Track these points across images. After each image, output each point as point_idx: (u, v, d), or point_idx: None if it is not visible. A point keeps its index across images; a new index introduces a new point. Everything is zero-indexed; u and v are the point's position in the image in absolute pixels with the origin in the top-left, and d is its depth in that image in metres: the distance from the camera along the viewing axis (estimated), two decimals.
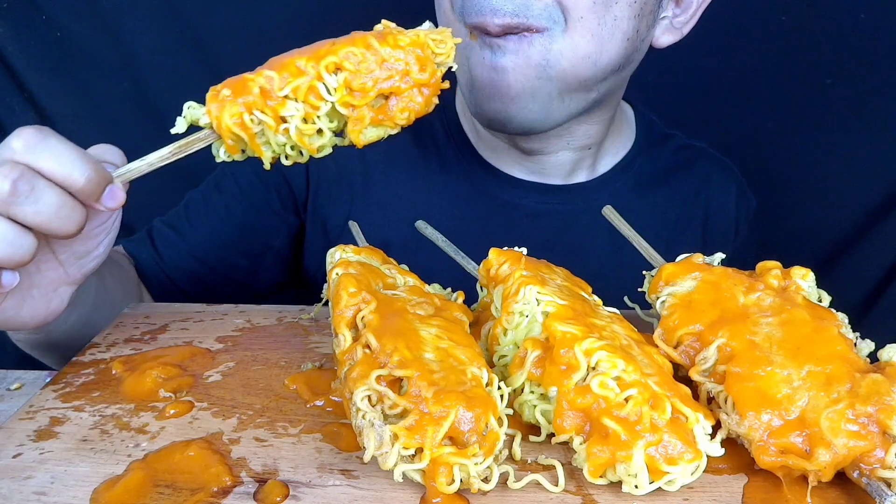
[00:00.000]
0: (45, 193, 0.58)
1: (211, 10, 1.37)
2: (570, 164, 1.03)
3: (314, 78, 0.63)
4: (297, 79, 0.63)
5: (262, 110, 0.63)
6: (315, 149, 0.66)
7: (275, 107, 0.63)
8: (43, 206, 0.57)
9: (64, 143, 0.60)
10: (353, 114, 0.65)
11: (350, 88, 0.64)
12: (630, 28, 0.85)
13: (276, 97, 0.63)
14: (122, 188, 0.63)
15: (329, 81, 0.64)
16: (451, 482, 0.50)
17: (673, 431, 0.52)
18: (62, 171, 0.58)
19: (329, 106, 0.64)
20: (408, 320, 0.60)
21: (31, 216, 0.57)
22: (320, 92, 0.63)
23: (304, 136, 0.64)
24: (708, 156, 1.14)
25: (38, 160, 0.58)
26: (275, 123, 0.63)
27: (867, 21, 1.30)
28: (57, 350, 0.83)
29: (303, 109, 0.64)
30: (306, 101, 0.63)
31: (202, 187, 1.08)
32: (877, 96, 1.35)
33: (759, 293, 0.62)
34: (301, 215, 1.08)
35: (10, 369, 0.79)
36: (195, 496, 0.52)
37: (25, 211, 0.57)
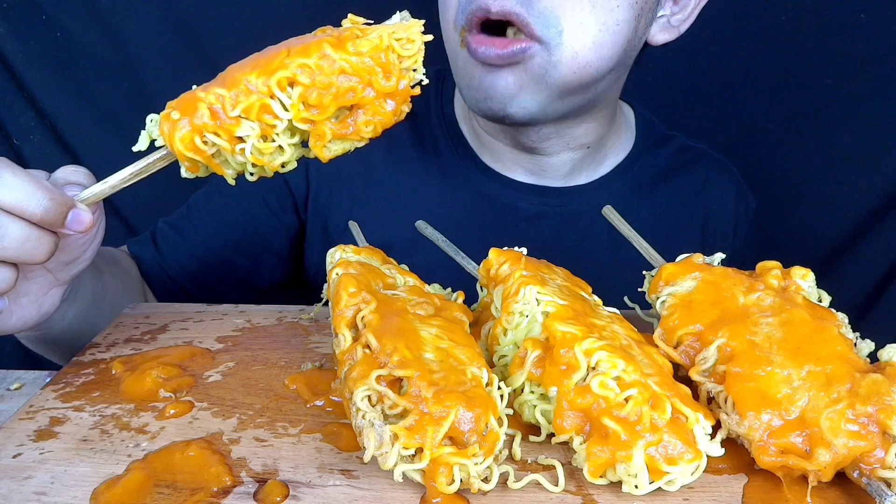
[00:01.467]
0: (7, 229, 0.58)
1: (211, 10, 1.37)
2: (570, 164, 1.03)
3: (266, 96, 0.59)
4: (248, 98, 0.59)
5: (215, 132, 0.59)
6: (277, 166, 0.62)
7: (228, 127, 0.59)
8: (8, 241, 0.58)
9: (18, 174, 0.59)
10: (314, 129, 0.61)
11: (307, 104, 0.60)
12: (630, 30, 0.85)
13: (227, 118, 0.59)
14: (87, 210, 0.62)
15: (283, 98, 0.59)
16: (451, 482, 0.50)
17: (673, 431, 0.52)
18: (19, 204, 0.58)
19: (285, 123, 0.60)
20: (408, 320, 0.60)
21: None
22: (274, 110, 0.59)
23: (263, 154, 0.61)
24: (708, 157, 1.14)
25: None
26: (230, 145, 0.60)
27: (867, 21, 1.30)
28: (59, 346, 0.84)
29: (258, 128, 0.60)
30: (260, 120, 0.59)
31: (205, 188, 1.08)
32: (877, 96, 1.35)
33: (759, 293, 0.62)
34: (301, 215, 1.08)
35: (10, 369, 0.79)
36: (195, 496, 0.52)
37: None
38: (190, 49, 1.39)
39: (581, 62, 0.83)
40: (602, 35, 0.82)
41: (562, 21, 0.80)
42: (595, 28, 0.81)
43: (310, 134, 0.61)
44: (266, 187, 1.05)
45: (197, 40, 1.38)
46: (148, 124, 0.63)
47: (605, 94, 0.94)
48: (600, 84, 0.89)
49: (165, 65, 1.38)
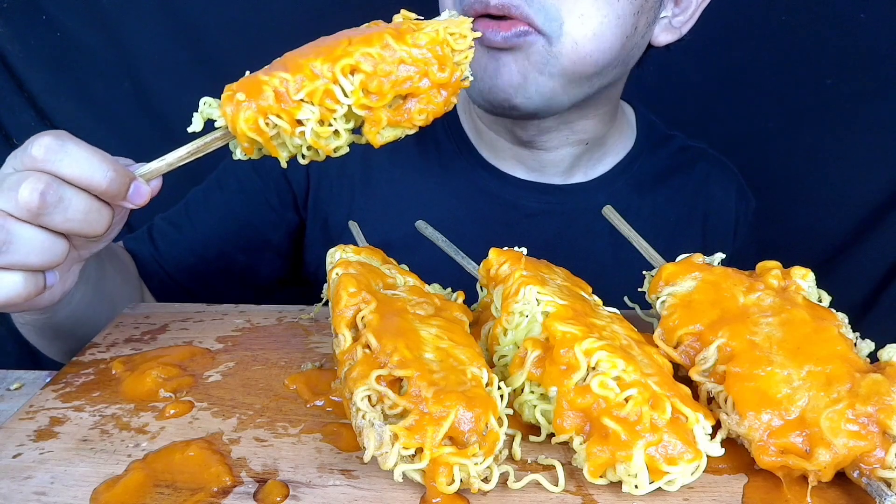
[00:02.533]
0: (72, 201, 0.58)
1: (211, 10, 1.37)
2: (570, 159, 1.03)
3: (330, 81, 0.62)
4: (313, 83, 0.61)
5: (278, 114, 0.61)
6: (331, 150, 0.65)
7: (290, 110, 0.61)
8: (72, 213, 0.59)
9: (82, 146, 0.60)
10: (370, 115, 0.64)
11: (367, 91, 0.63)
12: (629, 26, 0.85)
13: (291, 101, 0.61)
14: (146, 184, 0.64)
15: (345, 84, 0.62)
16: (451, 482, 0.50)
17: (673, 431, 0.52)
18: (84, 176, 0.59)
19: (345, 108, 0.63)
20: (408, 320, 0.60)
21: (61, 224, 0.59)
22: (336, 95, 0.62)
23: (320, 138, 0.63)
24: (708, 156, 1.14)
25: (59, 167, 0.58)
26: (290, 127, 0.62)
27: (867, 21, 1.30)
28: (58, 336, 0.84)
29: (318, 112, 0.62)
30: (322, 105, 0.62)
31: (204, 185, 1.08)
32: (877, 96, 1.35)
33: (759, 293, 0.62)
34: (301, 212, 1.08)
35: (10, 369, 0.79)
36: (195, 496, 0.52)
37: (55, 220, 0.58)
38: (190, 49, 1.39)
39: (582, 52, 0.83)
40: (603, 27, 0.83)
41: (562, 13, 0.81)
42: (596, 20, 0.82)
43: (365, 120, 0.64)
44: (267, 184, 1.05)
45: (197, 40, 1.38)
46: (202, 106, 0.64)
47: (606, 90, 0.94)
48: (602, 78, 0.89)
49: (165, 65, 1.38)
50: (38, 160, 0.58)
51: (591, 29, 0.82)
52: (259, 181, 1.05)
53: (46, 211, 0.57)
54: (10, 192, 0.57)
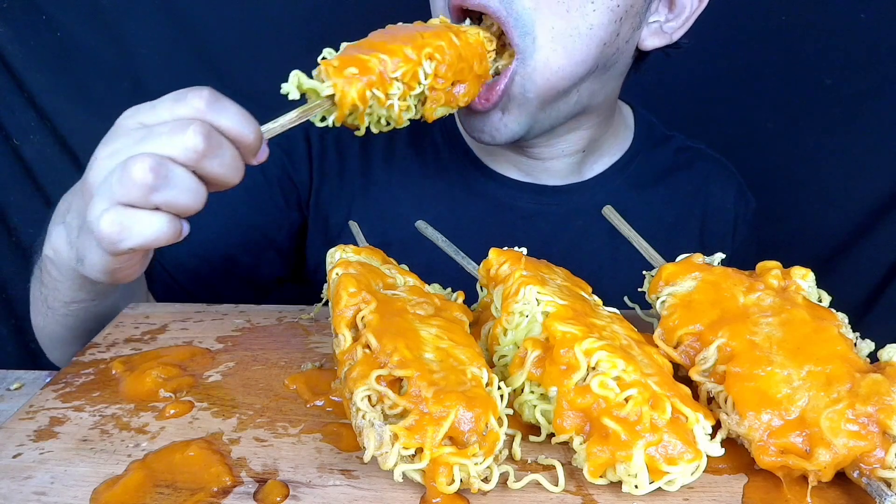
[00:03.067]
0: (226, 150, 0.62)
1: (211, 10, 1.37)
2: (566, 167, 1.03)
3: (416, 64, 0.75)
4: (407, 65, 0.74)
5: (378, 88, 0.72)
6: (405, 120, 0.78)
7: (386, 85, 0.73)
8: (226, 160, 0.62)
9: (234, 103, 0.64)
10: (433, 95, 0.78)
11: (436, 75, 0.77)
12: (608, 33, 0.84)
13: (388, 78, 0.73)
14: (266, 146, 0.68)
15: (426, 67, 0.76)
16: (451, 482, 0.50)
17: (673, 431, 0.52)
18: (237, 129, 0.62)
19: (422, 88, 0.76)
20: (408, 320, 0.60)
21: (216, 168, 0.62)
22: (419, 76, 0.76)
23: (400, 111, 0.76)
24: (707, 157, 1.14)
25: (218, 118, 0.61)
26: (385, 100, 0.74)
27: (867, 21, 1.31)
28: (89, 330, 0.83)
29: (402, 90, 0.75)
30: (408, 84, 0.75)
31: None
32: (877, 96, 1.35)
33: (759, 293, 0.62)
34: (304, 211, 1.08)
35: (10, 369, 0.79)
36: (195, 496, 0.52)
37: (213, 164, 0.61)
38: (190, 49, 1.39)
39: (553, 67, 0.83)
40: (572, 40, 0.82)
41: (536, 27, 0.81)
42: (565, 33, 0.82)
43: (427, 98, 0.78)
44: (271, 183, 1.05)
45: (197, 40, 1.38)
46: (294, 78, 0.70)
47: (591, 99, 0.93)
48: (580, 89, 0.89)
49: (165, 65, 1.39)
50: (200, 110, 0.61)
51: (562, 43, 0.82)
52: (264, 181, 1.05)
53: (209, 154, 0.60)
54: (174, 136, 0.59)
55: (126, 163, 0.58)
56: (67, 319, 0.83)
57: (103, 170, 0.60)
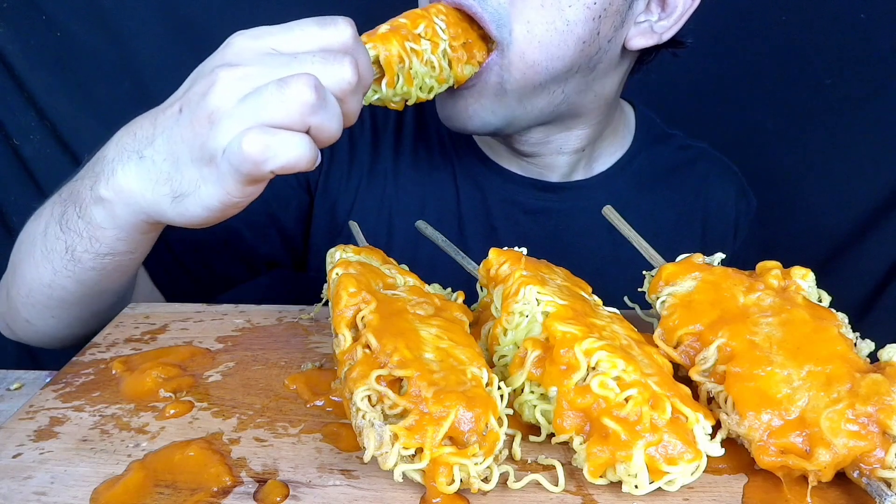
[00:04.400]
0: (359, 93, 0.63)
1: (211, 11, 1.37)
2: (567, 165, 1.03)
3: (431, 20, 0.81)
4: (422, 21, 0.80)
5: (413, 42, 0.78)
6: (445, 78, 0.82)
7: (417, 41, 0.79)
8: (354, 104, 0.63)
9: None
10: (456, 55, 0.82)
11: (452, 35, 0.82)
12: (586, 31, 0.84)
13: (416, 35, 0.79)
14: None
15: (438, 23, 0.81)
16: (451, 482, 0.50)
17: (673, 431, 0.52)
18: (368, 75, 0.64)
19: (445, 44, 0.81)
20: (408, 320, 0.60)
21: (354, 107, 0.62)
22: (438, 31, 0.81)
23: (441, 67, 0.81)
24: (708, 156, 1.14)
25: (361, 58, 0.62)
26: (422, 52, 0.79)
27: (867, 21, 1.31)
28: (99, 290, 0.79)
29: (430, 47, 0.80)
30: (432, 40, 0.80)
31: None
32: (877, 96, 1.35)
33: (759, 293, 0.62)
34: (312, 193, 1.07)
35: (10, 369, 0.79)
36: (195, 496, 0.52)
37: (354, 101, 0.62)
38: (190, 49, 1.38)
39: (528, 61, 0.83)
40: (549, 35, 0.82)
41: (511, 20, 0.81)
42: (542, 27, 0.82)
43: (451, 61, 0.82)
44: None
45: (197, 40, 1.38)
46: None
47: (580, 98, 0.93)
48: (566, 88, 0.89)
49: (165, 64, 1.39)
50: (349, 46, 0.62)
51: (537, 37, 0.82)
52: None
53: (355, 91, 0.61)
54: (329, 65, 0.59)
55: (285, 82, 0.57)
56: (91, 274, 0.75)
57: (235, 92, 0.58)
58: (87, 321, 0.84)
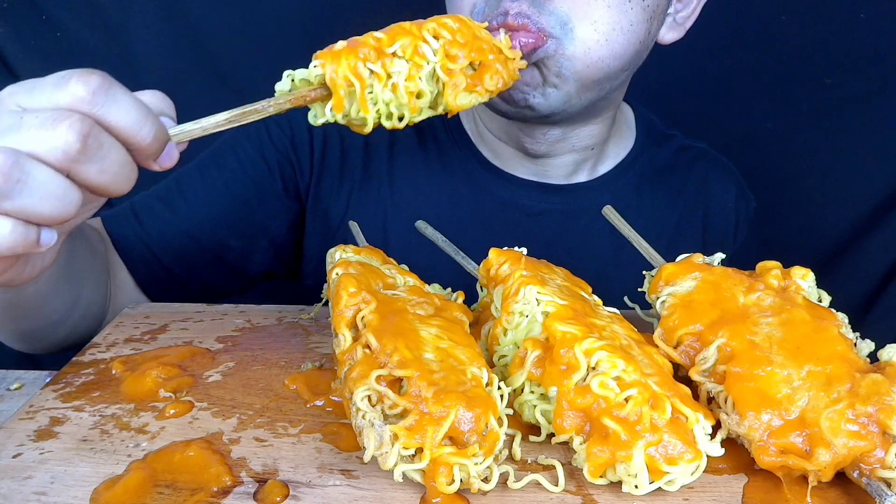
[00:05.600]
0: (111, 151, 0.51)
1: (211, 11, 1.37)
2: (573, 164, 1.03)
3: (417, 38, 0.68)
4: (404, 38, 0.67)
5: (374, 63, 0.66)
6: (418, 108, 0.69)
7: (384, 62, 0.66)
8: (108, 164, 0.51)
9: (129, 95, 0.53)
10: (450, 80, 0.70)
11: (448, 55, 0.69)
12: (643, 31, 0.86)
13: (387, 54, 0.66)
14: (175, 148, 0.57)
15: (431, 42, 0.69)
16: (451, 482, 0.50)
17: (673, 431, 0.52)
18: (130, 128, 0.52)
19: (431, 67, 0.69)
20: (408, 320, 0.60)
21: (94, 175, 0.51)
22: (424, 52, 0.68)
23: (410, 93, 0.68)
24: (708, 156, 1.14)
25: (106, 112, 0.51)
26: (386, 77, 0.66)
27: (867, 21, 1.30)
28: (18, 316, 0.77)
29: (407, 69, 0.67)
30: (412, 60, 0.67)
31: (196, 163, 1.02)
32: (877, 96, 1.35)
33: (759, 293, 0.62)
34: (302, 201, 1.06)
35: (10, 369, 0.79)
36: (195, 496, 0.52)
37: (91, 169, 0.51)
38: (190, 49, 1.39)
39: (593, 57, 0.84)
40: (615, 34, 0.84)
41: (573, 19, 0.82)
42: (608, 26, 0.83)
43: (445, 86, 0.70)
44: (271, 167, 1.02)
45: (197, 40, 1.38)
46: (285, 75, 0.65)
47: (613, 94, 0.94)
48: (613, 82, 0.90)
49: (165, 65, 1.38)
50: (83, 100, 0.50)
51: (604, 34, 0.83)
52: (263, 163, 1.02)
53: (86, 158, 0.50)
54: (44, 129, 0.48)
55: None
56: None
57: None
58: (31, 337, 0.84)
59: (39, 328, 0.80)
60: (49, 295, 0.76)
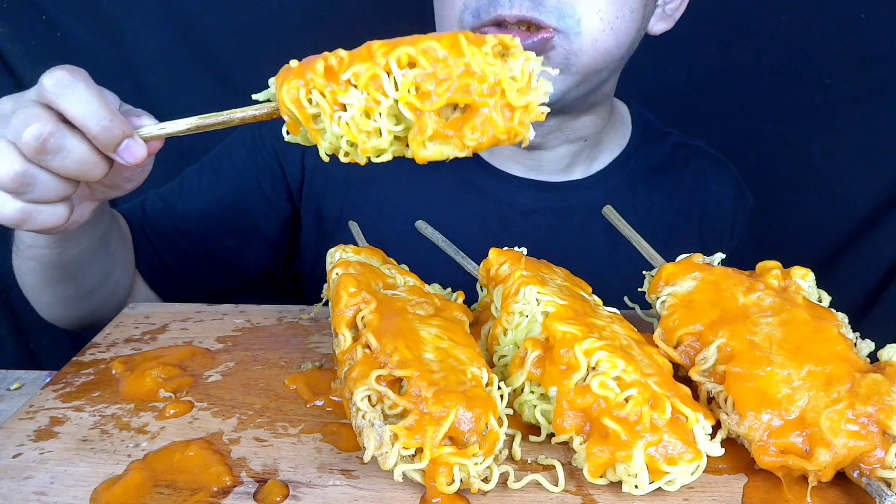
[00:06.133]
0: (71, 149, 0.60)
1: (211, 11, 1.37)
2: (568, 158, 1.03)
3: (381, 67, 0.55)
4: (361, 63, 0.55)
5: (322, 92, 0.56)
6: (370, 149, 0.57)
7: (334, 91, 0.55)
8: (70, 160, 0.60)
9: (91, 89, 0.61)
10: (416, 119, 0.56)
11: (419, 90, 0.55)
12: (640, 18, 0.87)
13: (339, 80, 0.55)
14: (142, 144, 0.62)
15: (397, 75, 0.55)
16: (451, 482, 0.50)
17: (673, 431, 0.52)
18: (81, 117, 0.59)
19: (390, 102, 0.55)
20: (408, 320, 0.60)
21: (57, 168, 0.60)
22: (382, 84, 0.55)
23: (359, 131, 0.56)
24: (704, 154, 1.14)
25: (64, 103, 0.59)
26: (330, 109, 0.56)
27: (867, 21, 1.30)
28: (62, 278, 0.85)
29: (363, 101, 0.55)
30: (368, 92, 0.55)
31: (199, 165, 1.07)
32: (877, 96, 1.35)
33: (759, 293, 0.62)
34: (295, 203, 1.07)
35: (10, 369, 0.79)
36: (195, 496, 0.52)
37: (52, 164, 0.60)
38: (190, 49, 1.39)
39: (600, 48, 0.85)
40: (619, 21, 0.84)
41: (578, 10, 0.82)
42: (612, 15, 0.83)
43: (413, 125, 0.56)
44: (261, 169, 1.05)
45: (197, 40, 1.38)
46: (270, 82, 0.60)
47: (606, 85, 0.95)
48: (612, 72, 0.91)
49: (165, 65, 1.38)
50: (47, 93, 0.59)
51: (609, 24, 0.84)
52: (253, 166, 1.05)
53: (45, 156, 0.59)
54: (19, 126, 0.59)
55: None
56: (30, 263, 0.83)
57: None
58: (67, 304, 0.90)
59: (75, 296, 0.88)
60: (87, 263, 0.85)
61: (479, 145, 0.57)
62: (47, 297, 0.90)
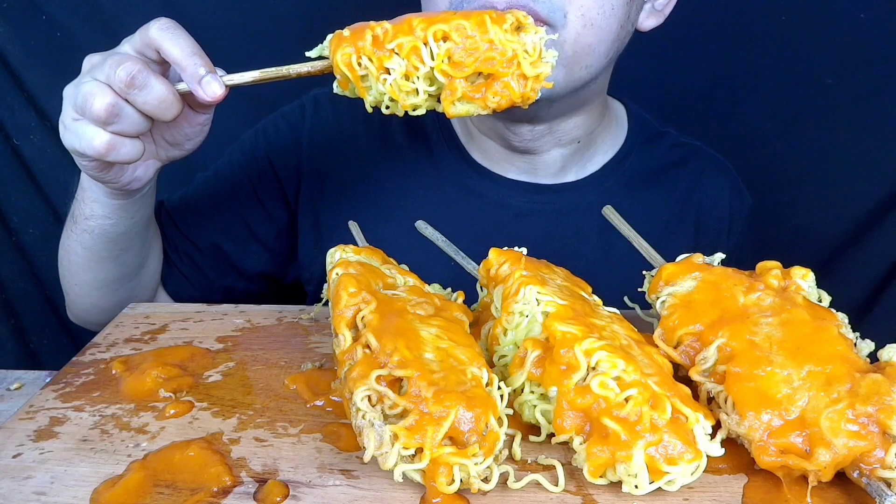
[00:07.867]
0: (154, 87, 0.70)
1: (211, 10, 1.37)
2: (561, 161, 1.03)
3: (420, 40, 0.67)
4: (404, 37, 0.67)
5: (370, 57, 0.68)
6: (409, 105, 0.70)
7: (381, 57, 0.68)
8: (151, 97, 0.70)
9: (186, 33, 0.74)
10: (448, 83, 0.69)
11: (451, 59, 0.68)
12: (623, 14, 0.87)
13: (384, 49, 0.68)
14: (219, 82, 0.71)
15: (433, 47, 0.68)
16: (451, 482, 0.50)
17: (673, 431, 0.52)
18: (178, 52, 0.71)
19: (427, 69, 0.68)
20: (408, 320, 0.60)
21: (140, 105, 0.70)
22: (422, 54, 0.68)
23: (400, 90, 0.69)
24: (702, 153, 1.13)
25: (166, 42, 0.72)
26: (377, 72, 0.68)
27: (867, 21, 1.30)
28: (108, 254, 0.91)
29: (405, 66, 0.68)
30: (408, 60, 0.68)
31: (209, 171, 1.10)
32: (877, 96, 1.35)
33: (759, 293, 0.62)
34: (292, 209, 1.08)
35: (10, 369, 0.79)
36: (195, 496, 0.52)
37: (137, 99, 0.70)
38: None
39: (583, 42, 0.85)
40: (600, 18, 0.85)
41: (565, 4, 0.82)
42: (595, 11, 0.84)
43: (444, 88, 0.69)
44: (259, 177, 1.06)
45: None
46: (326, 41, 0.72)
47: (595, 83, 0.94)
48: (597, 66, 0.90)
49: None
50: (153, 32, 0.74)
51: (591, 20, 0.84)
52: (250, 175, 1.06)
53: (132, 90, 0.69)
54: (112, 66, 0.70)
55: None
56: (84, 237, 0.89)
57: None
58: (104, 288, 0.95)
59: (114, 278, 0.94)
60: (132, 241, 0.92)
61: (498, 105, 0.70)
62: (89, 278, 0.94)
